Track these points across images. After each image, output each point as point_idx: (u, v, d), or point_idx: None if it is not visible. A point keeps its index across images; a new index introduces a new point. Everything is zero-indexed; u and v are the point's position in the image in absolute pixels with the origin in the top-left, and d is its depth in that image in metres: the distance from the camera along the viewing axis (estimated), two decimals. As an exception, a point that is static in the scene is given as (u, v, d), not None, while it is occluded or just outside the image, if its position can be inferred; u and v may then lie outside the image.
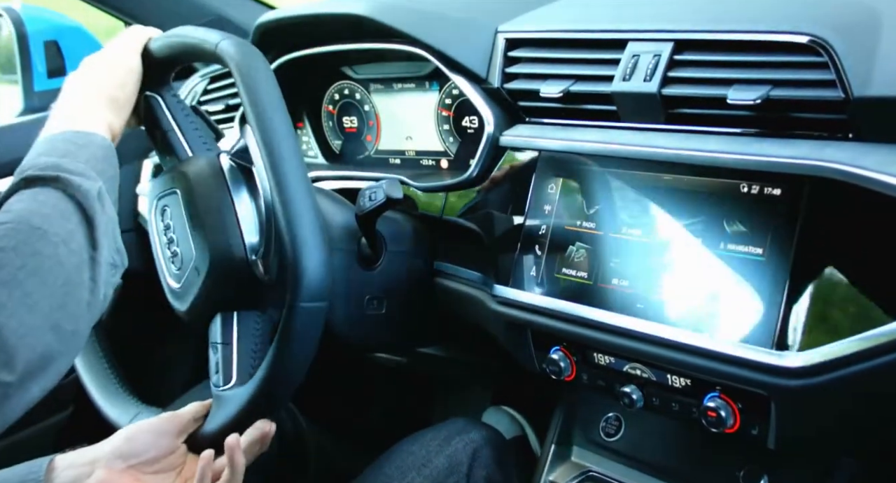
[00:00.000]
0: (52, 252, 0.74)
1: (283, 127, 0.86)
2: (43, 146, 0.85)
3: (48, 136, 0.86)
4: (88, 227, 0.79)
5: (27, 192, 0.78)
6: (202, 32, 0.92)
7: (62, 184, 0.79)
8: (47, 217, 0.76)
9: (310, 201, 0.84)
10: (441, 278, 1.10)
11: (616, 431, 1.08)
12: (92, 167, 0.83)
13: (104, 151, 0.87)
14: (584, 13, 1.07)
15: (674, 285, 0.85)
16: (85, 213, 0.79)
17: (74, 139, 0.85)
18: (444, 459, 1.06)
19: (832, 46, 0.77)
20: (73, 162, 0.82)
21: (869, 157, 0.74)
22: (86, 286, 0.77)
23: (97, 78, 0.95)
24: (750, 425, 0.83)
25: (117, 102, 0.94)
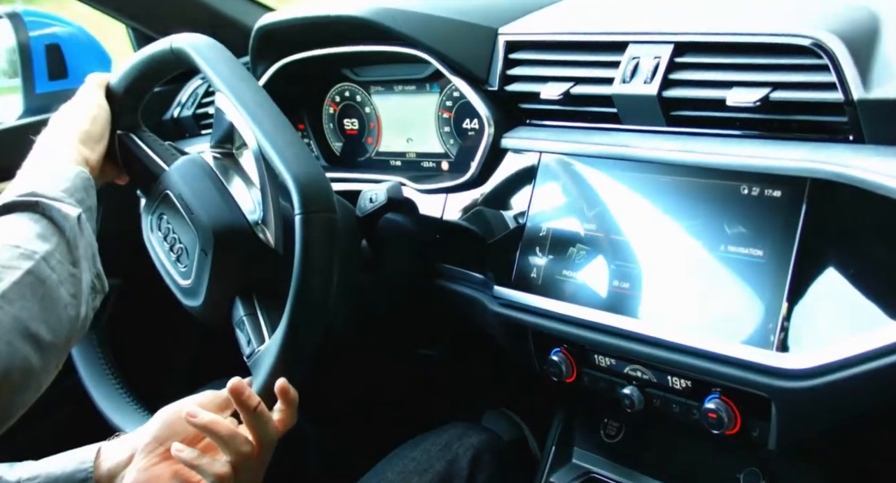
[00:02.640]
0: (32, 267, 0.75)
1: (248, 80, 0.89)
2: (20, 181, 0.86)
3: (25, 173, 0.89)
4: (68, 246, 0.80)
5: (5, 218, 0.80)
6: (149, 46, 0.96)
7: (41, 208, 0.81)
8: (27, 238, 0.77)
9: (289, 127, 0.87)
10: (442, 280, 1.10)
11: (616, 433, 1.08)
12: (70, 195, 0.85)
13: (83, 182, 0.89)
14: (584, 16, 1.07)
15: (674, 287, 0.85)
16: (64, 235, 0.80)
17: (52, 171, 0.88)
18: (444, 464, 1.06)
19: (832, 49, 0.77)
20: (52, 190, 0.84)
21: (869, 159, 0.74)
22: (66, 301, 0.78)
23: (70, 118, 0.98)
24: (750, 427, 0.84)
25: (91, 136, 0.97)
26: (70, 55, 1.51)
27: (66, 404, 1.41)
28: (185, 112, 1.49)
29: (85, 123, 0.97)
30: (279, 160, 0.84)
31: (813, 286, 0.76)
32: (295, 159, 0.83)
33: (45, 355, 0.75)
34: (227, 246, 0.92)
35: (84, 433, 1.09)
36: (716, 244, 0.83)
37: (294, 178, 0.82)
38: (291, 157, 0.84)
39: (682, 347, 0.84)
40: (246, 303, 0.94)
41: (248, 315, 0.93)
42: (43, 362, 0.75)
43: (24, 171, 0.90)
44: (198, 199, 0.94)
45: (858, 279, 0.75)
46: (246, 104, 0.87)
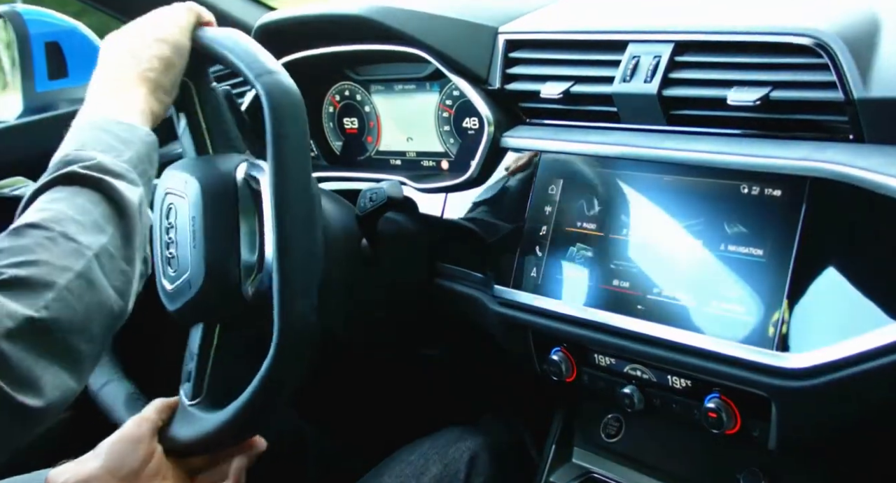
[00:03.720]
0: (83, 268, 0.70)
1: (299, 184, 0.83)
2: (86, 134, 0.78)
3: (92, 123, 0.80)
4: (125, 237, 0.75)
5: (67, 190, 0.74)
6: (252, 55, 0.86)
7: (105, 189, 0.74)
8: (83, 227, 0.72)
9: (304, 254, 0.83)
10: (442, 279, 1.10)
11: (616, 433, 1.08)
12: (135, 167, 0.78)
13: (147, 149, 0.81)
14: (585, 14, 1.07)
15: (674, 286, 0.85)
16: (122, 224, 0.75)
17: (119, 132, 0.79)
18: (441, 467, 1.06)
19: (832, 48, 0.77)
20: (117, 161, 0.77)
21: (869, 159, 0.74)
22: (112, 302, 0.73)
23: (144, 55, 0.86)
24: (750, 427, 0.83)
25: (162, 89, 0.87)
26: (70, 54, 1.51)
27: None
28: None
29: (160, 73, 0.86)
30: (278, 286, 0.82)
31: (813, 286, 0.76)
32: (291, 300, 0.82)
33: (81, 372, 0.71)
34: (211, 292, 0.92)
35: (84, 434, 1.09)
36: (716, 243, 0.83)
37: (282, 314, 0.82)
38: (289, 295, 0.82)
39: (682, 347, 0.84)
40: (206, 335, 0.96)
41: (199, 355, 0.95)
42: (77, 382, 0.71)
43: (88, 121, 0.80)
44: (208, 233, 0.92)
45: (858, 278, 0.75)
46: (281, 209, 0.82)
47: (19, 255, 0.67)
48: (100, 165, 0.75)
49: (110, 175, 0.75)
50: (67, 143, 0.78)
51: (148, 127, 0.83)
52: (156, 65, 0.86)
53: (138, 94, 0.84)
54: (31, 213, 0.72)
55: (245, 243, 0.92)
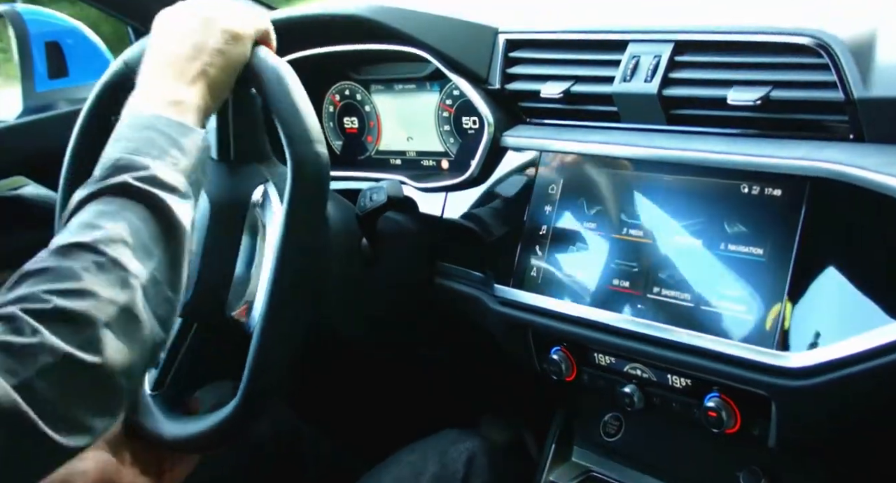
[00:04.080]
0: (127, 302, 0.65)
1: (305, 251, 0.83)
2: (141, 133, 0.73)
3: (147, 120, 0.74)
4: (173, 263, 0.70)
5: (117, 202, 0.68)
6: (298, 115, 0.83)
7: (157, 206, 0.70)
8: (133, 251, 0.67)
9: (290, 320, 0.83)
10: (442, 278, 1.10)
11: (616, 432, 1.08)
12: (188, 177, 0.73)
13: (202, 156, 0.76)
14: (585, 14, 1.07)
15: (674, 285, 0.85)
16: (172, 250, 0.70)
17: (176, 134, 0.74)
18: (439, 467, 1.06)
19: (833, 47, 0.77)
20: (171, 171, 0.72)
21: (870, 158, 0.74)
22: (156, 333, 0.69)
23: (209, 46, 0.80)
24: (750, 426, 0.84)
25: (219, 88, 0.81)
26: (70, 53, 1.51)
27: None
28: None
29: (220, 66, 0.80)
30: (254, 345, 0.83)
31: (813, 285, 0.76)
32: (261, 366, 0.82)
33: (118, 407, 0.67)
34: (195, 313, 0.93)
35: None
36: (716, 243, 0.83)
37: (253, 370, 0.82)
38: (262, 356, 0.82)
39: (682, 346, 0.84)
40: (182, 330, 0.96)
41: (171, 347, 0.95)
42: (114, 417, 0.67)
43: (144, 116, 0.75)
44: (206, 255, 0.91)
45: (858, 278, 0.75)
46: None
47: (65, 281, 0.63)
48: (154, 177, 0.70)
49: (164, 189, 0.70)
50: (120, 141, 0.73)
51: (202, 129, 0.78)
52: (218, 61, 0.80)
53: (196, 91, 0.79)
54: (80, 229, 0.67)
55: (242, 258, 0.93)
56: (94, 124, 1.00)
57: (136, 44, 0.95)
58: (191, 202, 0.73)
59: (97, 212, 0.68)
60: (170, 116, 0.75)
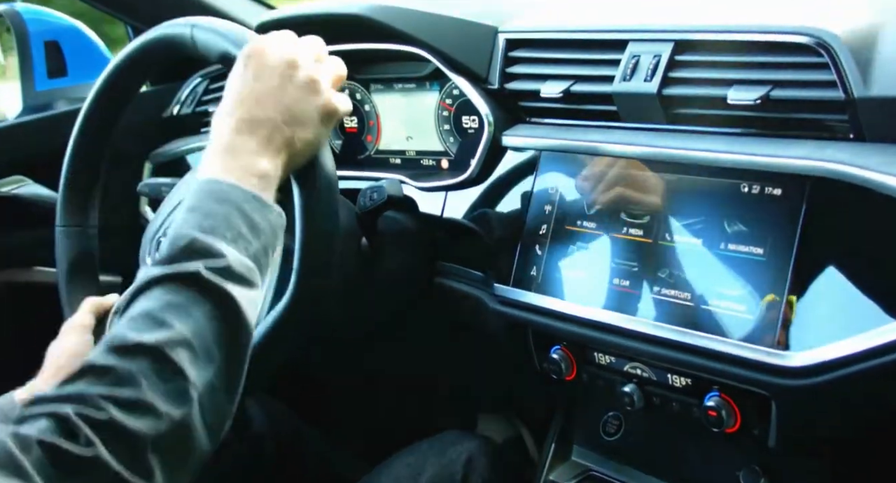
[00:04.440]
0: (182, 418, 0.62)
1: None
2: (217, 208, 0.69)
3: (227, 190, 0.70)
4: (232, 369, 0.67)
5: (186, 294, 0.65)
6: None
7: (226, 303, 0.66)
8: (196, 356, 0.64)
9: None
10: (441, 278, 1.10)
11: (616, 431, 1.08)
12: (258, 262, 0.70)
13: (275, 238, 0.72)
14: (585, 13, 1.07)
15: (674, 285, 0.85)
16: (235, 353, 0.67)
17: (252, 213, 0.70)
18: (438, 468, 1.06)
19: (833, 47, 0.77)
20: (243, 258, 0.68)
21: (870, 158, 0.74)
22: (205, 445, 0.65)
23: (299, 114, 0.76)
24: (750, 425, 0.84)
25: (298, 163, 0.77)
26: (70, 53, 1.51)
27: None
28: (185, 110, 1.49)
29: (306, 140, 0.76)
30: None
31: (813, 284, 0.76)
32: None
33: None
34: None
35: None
36: (716, 242, 0.83)
37: None
38: None
39: (682, 345, 0.84)
40: None
41: None
42: None
43: (222, 189, 0.70)
44: None
45: (859, 277, 0.75)
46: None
47: (124, 387, 0.60)
48: (227, 268, 0.67)
49: (234, 281, 0.67)
50: (195, 213, 0.69)
51: (280, 209, 0.74)
52: (309, 136, 0.77)
53: (279, 163, 0.75)
54: (145, 322, 0.64)
55: None
56: (95, 123, 1.00)
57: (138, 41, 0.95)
58: (258, 291, 0.70)
59: (165, 303, 0.65)
60: (250, 189, 0.71)
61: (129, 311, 0.66)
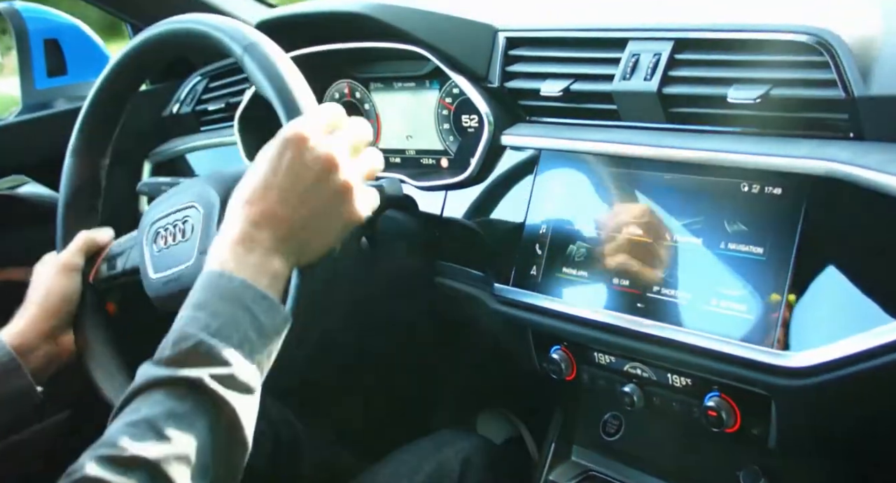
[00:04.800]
0: None
1: None
2: (228, 307, 0.68)
3: (237, 288, 0.69)
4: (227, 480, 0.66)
5: (190, 402, 0.64)
6: None
7: (229, 419, 0.65)
8: (193, 471, 0.62)
9: None
10: (441, 277, 1.10)
11: (616, 431, 1.08)
12: (260, 366, 0.68)
13: (279, 337, 0.71)
14: (584, 12, 1.07)
15: (674, 284, 0.85)
16: (230, 464, 0.66)
17: (261, 314, 0.68)
18: (435, 466, 1.06)
19: (833, 45, 0.77)
20: (247, 363, 0.67)
21: (870, 157, 0.74)
22: None
23: (325, 225, 0.74)
24: (750, 425, 0.83)
25: (304, 262, 0.75)
26: (69, 51, 1.50)
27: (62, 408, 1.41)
28: (185, 108, 1.49)
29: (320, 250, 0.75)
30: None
31: (813, 284, 0.76)
32: None
33: None
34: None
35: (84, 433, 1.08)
36: (716, 242, 0.83)
37: None
38: None
39: (682, 345, 0.83)
40: None
41: None
42: None
43: (230, 276, 0.69)
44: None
45: (859, 277, 0.75)
46: None
47: None
48: (231, 377, 0.65)
49: (237, 390, 0.66)
50: (203, 311, 0.68)
51: (288, 313, 0.72)
52: (323, 242, 0.75)
53: (292, 265, 0.74)
54: (145, 432, 0.62)
55: None
56: (94, 123, 1.00)
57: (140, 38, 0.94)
58: (257, 396, 0.68)
59: (166, 412, 0.63)
60: (261, 288, 0.69)
61: (128, 411, 0.64)
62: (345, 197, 0.75)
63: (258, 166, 0.75)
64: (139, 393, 0.65)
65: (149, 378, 0.65)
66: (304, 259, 0.75)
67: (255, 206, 0.72)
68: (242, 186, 0.75)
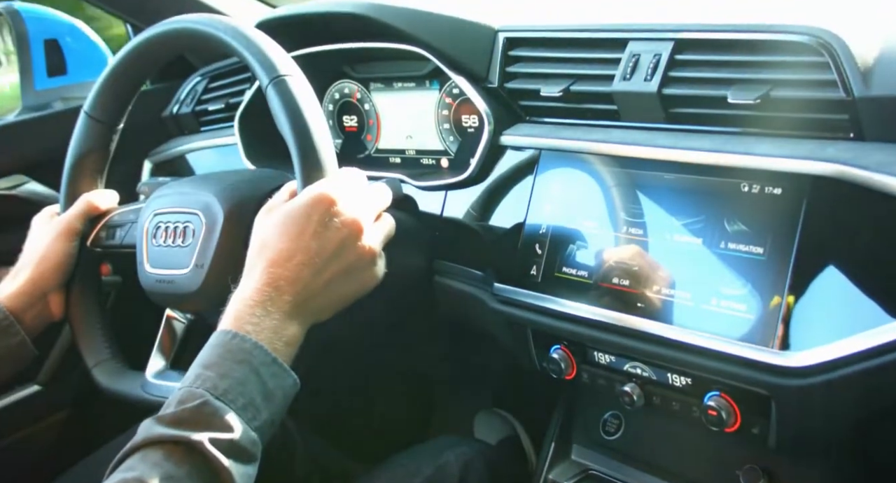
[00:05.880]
0: None
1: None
2: (237, 368, 0.67)
3: (249, 350, 0.69)
4: None
5: (188, 466, 0.63)
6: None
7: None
8: None
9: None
10: (441, 277, 1.10)
11: (616, 430, 1.08)
12: (263, 434, 0.68)
13: (286, 403, 0.71)
14: (585, 12, 1.07)
15: (674, 284, 0.85)
16: None
17: (269, 378, 0.68)
18: (434, 469, 1.06)
19: (833, 46, 0.77)
20: (248, 430, 0.66)
21: (870, 157, 0.74)
22: None
23: (340, 291, 0.76)
24: (750, 424, 0.84)
25: (314, 323, 0.75)
26: (69, 51, 1.50)
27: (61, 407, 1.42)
28: (185, 109, 1.48)
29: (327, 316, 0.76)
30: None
31: (813, 284, 0.76)
32: None
33: None
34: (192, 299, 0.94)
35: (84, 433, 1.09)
36: (716, 241, 0.83)
37: None
38: None
39: (682, 345, 0.84)
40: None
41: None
42: None
43: (240, 338, 0.69)
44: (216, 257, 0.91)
45: (859, 277, 0.75)
46: None
47: None
48: (231, 443, 0.65)
49: (236, 458, 0.65)
50: (211, 369, 0.68)
51: (296, 375, 0.72)
52: (335, 307, 0.77)
53: (305, 328, 0.74)
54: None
55: None
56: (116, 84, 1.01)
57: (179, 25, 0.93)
58: (256, 465, 0.68)
59: (163, 475, 0.62)
60: (272, 352, 0.70)
61: (124, 468, 0.64)
62: (366, 262, 0.77)
63: (285, 225, 0.75)
64: (138, 450, 0.64)
65: (149, 435, 0.65)
66: (318, 319, 0.75)
67: (280, 268, 0.73)
68: (268, 243, 0.74)
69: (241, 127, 1.28)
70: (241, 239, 0.89)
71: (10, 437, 1.33)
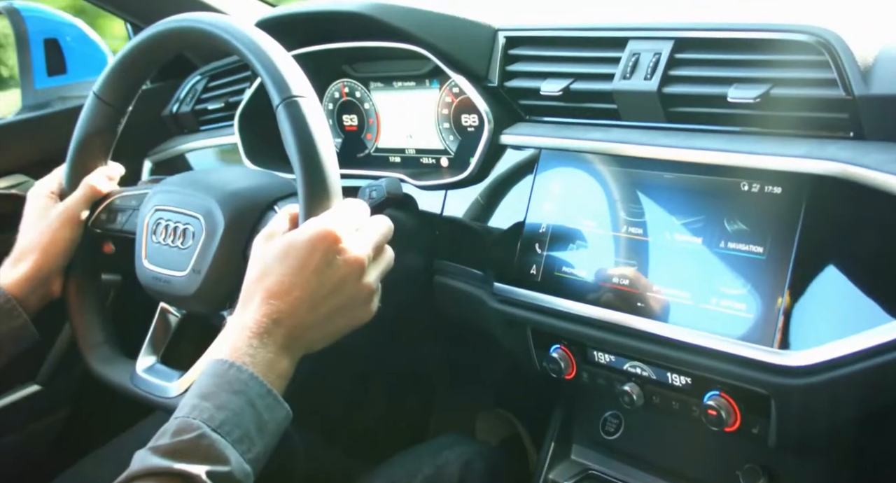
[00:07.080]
0: None
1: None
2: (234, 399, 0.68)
3: (245, 381, 0.69)
4: None
5: None
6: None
7: None
8: None
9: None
10: (441, 276, 1.10)
11: (616, 430, 1.08)
12: (255, 466, 0.69)
13: (279, 433, 0.71)
14: (584, 11, 1.07)
15: (674, 284, 0.85)
16: None
17: (264, 410, 0.69)
18: (434, 469, 1.06)
19: (833, 45, 0.77)
20: (242, 462, 0.67)
21: (870, 156, 0.74)
22: None
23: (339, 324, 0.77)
24: (750, 424, 0.83)
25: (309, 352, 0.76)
26: (69, 51, 1.50)
27: (61, 407, 1.42)
28: (184, 108, 1.48)
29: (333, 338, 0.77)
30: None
31: (813, 283, 0.76)
32: None
33: None
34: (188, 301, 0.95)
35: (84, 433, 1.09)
36: (716, 241, 0.83)
37: None
38: None
39: (682, 344, 0.84)
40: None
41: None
42: None
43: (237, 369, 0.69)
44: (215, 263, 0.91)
45: (859, 276, 0.75)
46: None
47: None
48: (227, 476, 0.65)
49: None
50: (208, 400, 0.68)
51: (289, 409, 0.73)
52: (327, 342, 0.77)
53: (296, 360, 0.74)
54: None
55: None
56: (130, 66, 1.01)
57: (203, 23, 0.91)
58: None
59: None
60: (267, 383, 0.70)
61: None
62: (363, 299, 0.77)
63: (287, 257, 0.75)
64: (133, 480, 0.64)
65: (145, 466, 0.65)
66: (308, 351, 0.76)
67: (278, 301, 0.73)
68: (268, 273, 0.75)
69: (241, 126, 1.28)
70: (240, 250, 0.90)
71: (10, 437, 1.33)
